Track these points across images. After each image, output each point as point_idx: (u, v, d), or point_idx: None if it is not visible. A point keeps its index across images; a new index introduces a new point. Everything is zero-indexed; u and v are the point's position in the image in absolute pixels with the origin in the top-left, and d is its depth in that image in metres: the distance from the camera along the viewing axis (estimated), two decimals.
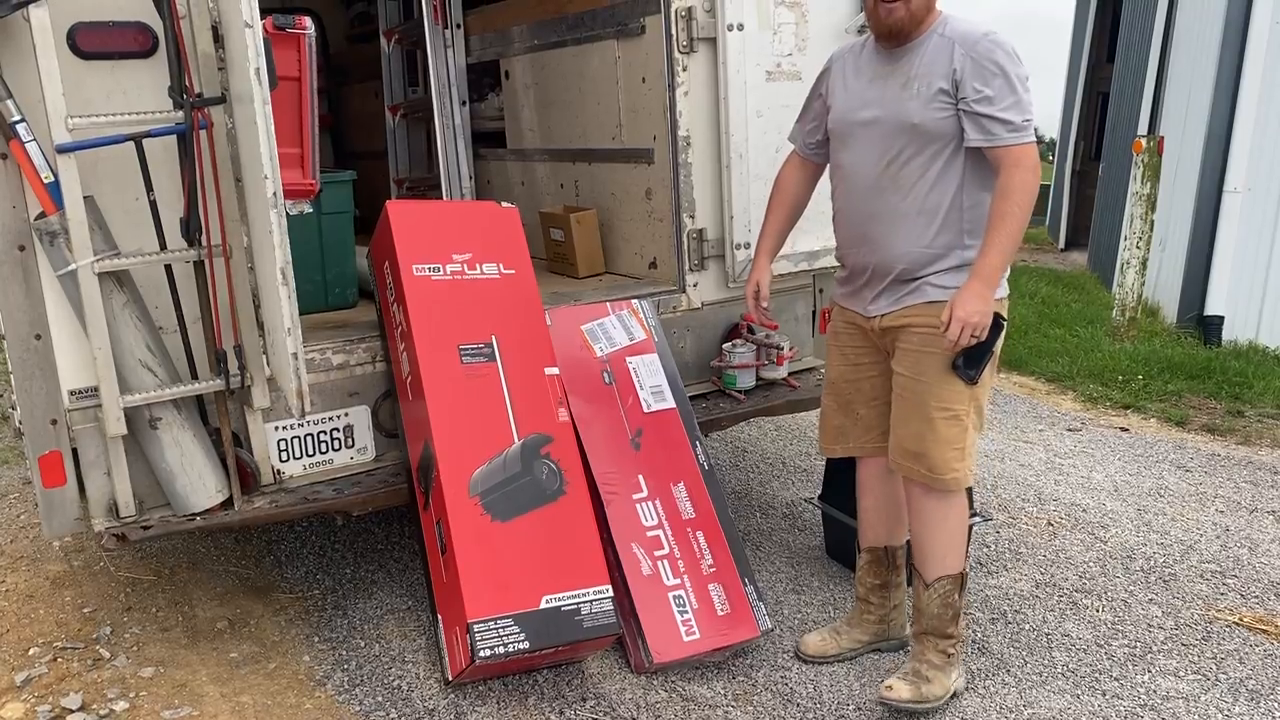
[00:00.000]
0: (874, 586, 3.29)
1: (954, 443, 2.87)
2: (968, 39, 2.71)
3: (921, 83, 2.75)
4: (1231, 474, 5.02)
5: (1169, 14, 9.11)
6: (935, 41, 2.76)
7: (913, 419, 2.90)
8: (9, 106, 2.70)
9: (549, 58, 4.75)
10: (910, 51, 2.80)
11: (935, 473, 2.89)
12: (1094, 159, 13.89)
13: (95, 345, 2.81)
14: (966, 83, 2.68)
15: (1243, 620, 3.57)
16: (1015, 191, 2.65)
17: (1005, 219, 2.66)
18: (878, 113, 2.84)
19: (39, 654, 3.34)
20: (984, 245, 2.70)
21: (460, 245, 3.35)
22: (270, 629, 3.52)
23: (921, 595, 3.04)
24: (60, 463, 2.99)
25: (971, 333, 2.67)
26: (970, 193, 2.79)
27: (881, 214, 2.87)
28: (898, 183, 2.82)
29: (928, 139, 2.76)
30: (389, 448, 3.47)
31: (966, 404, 2.86)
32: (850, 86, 2.95)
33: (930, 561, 3.01)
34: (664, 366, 3.63)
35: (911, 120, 2.76)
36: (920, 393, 2.88)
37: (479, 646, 2.82)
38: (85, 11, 2.80)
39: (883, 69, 2.86)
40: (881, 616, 3.31)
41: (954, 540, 3.00)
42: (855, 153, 2.92)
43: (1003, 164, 2.68)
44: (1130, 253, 7.74)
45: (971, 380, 2.81)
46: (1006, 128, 2.66)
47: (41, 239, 2.82)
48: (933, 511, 2.97)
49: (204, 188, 2.89)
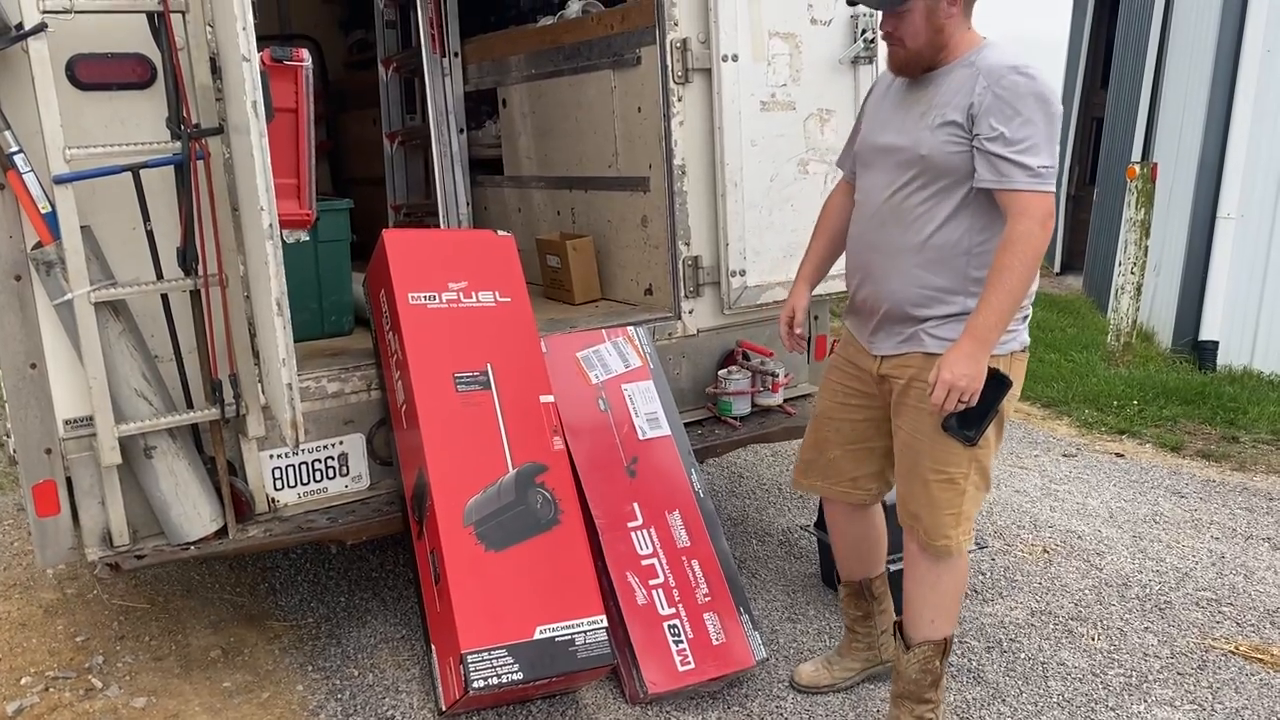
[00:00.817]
0: (857, 618, 3.26)
1: (948, 508, 2.71)
2: (993, 72, 2.48)
3: (937, 113, 2.56)
4: (1227, 500, 5.03)
5: (1161, 40, 9.19)
6: (960, 72, 2.56)
7: (909, 478, 2.77)
8: (7, 138, 2.72)
9: (546, 87, 4.79)
10: (934, 80, 2.62)
11: (929, 537, 2.76)
12: (1089, 183, 13.96)
13: (91, 374, 2.82)
14: (982, 118, 2.46)
15: (1238, 649, 3.56)
16: (1017, 243, 2.43)
17: (1004, 273, 2.44)
18: (894, 140, 2.67)
19: (31, 683, 3.32)
20: (980, 301, 2.48)
21: (456, 274, 3.36)
22: (264, 658, 3.51)
23: (902, 657, 2.90)
24: (54, 492, 3.00)
25: (959, 397, 2.48)
26: (979, 236, 2.58)
27: (881, 246, 2.71)
28: (899, 215, 2.65)
29: (936, 173, 2.57)
30: (383, 476, 3.47)
31: (965, 466, 2.68)
32: (880, 111, 2.79)
33: (917, 623, 2.86)
34: (659, 394, 3.64)
35: (920, 151, 2.58)
36: (916, 452, 2.73)
37: (473, 677, 2.81)
38: (84, 43, 2.82)
39: (909, 96, 2.69)
40: (870, 644, 3.27)
41: (943, 605, 2.84)
42: (868, 178, 2.78)
43: (1010, 211, 2.46)
44: (1125, 278, 7.78)
45: (969, 442, 2.59)
46: (1020, 171, 2.44)
47: (38, 268, 2.84)
48: (925, 572, 2.82)
49: (201, 217, 2.90)
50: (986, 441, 2.65)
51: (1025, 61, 2.48)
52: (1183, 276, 8.00)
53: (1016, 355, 2.69)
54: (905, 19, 2.55)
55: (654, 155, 4.00)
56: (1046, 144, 2.45)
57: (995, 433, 2.69)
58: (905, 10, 2.54)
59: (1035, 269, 2.48)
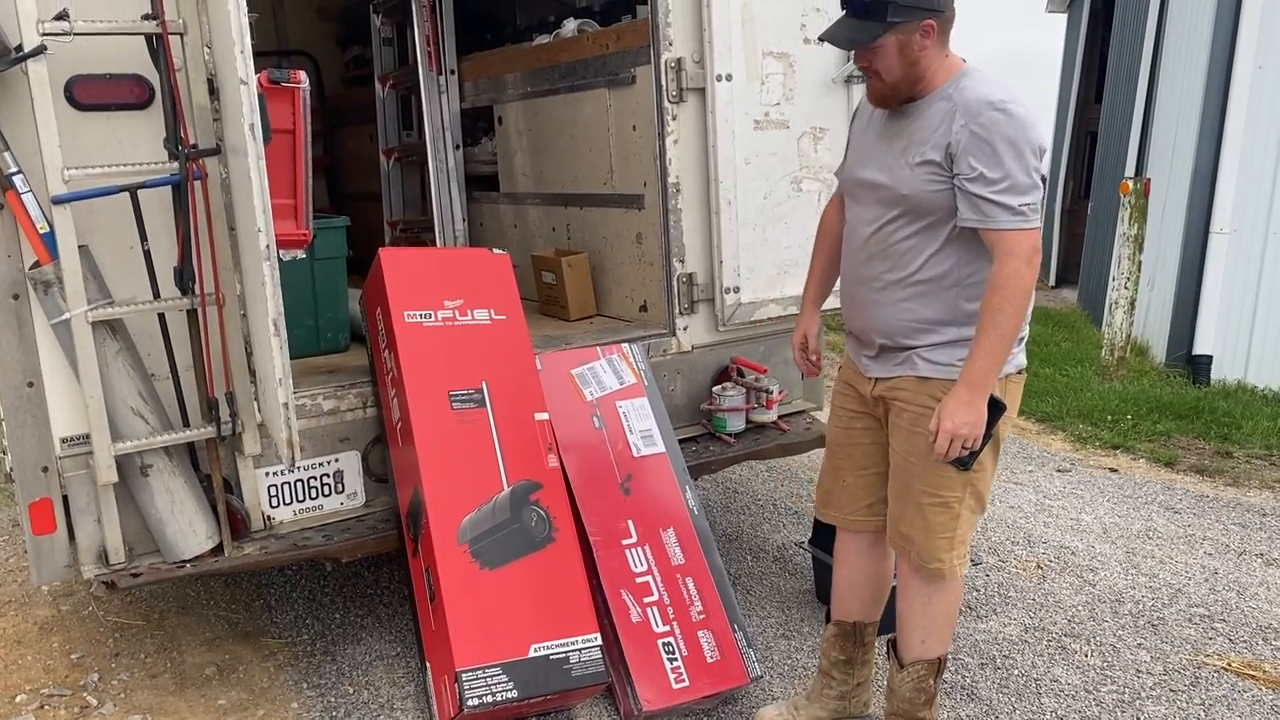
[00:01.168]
0: (838, 661, 3.11)
1: (942, 531, 2.71)
2: (971, 108, 2.44)
3: (916, 151, 2.54)
4: (1220, 516, 5.04)
5: (1154, 56, 9.25)
6: (939, 106, 2.52)
7: (902, 499, 2.76)
8: (6, 158, 2.74)
9: (542, 105, 4.82)
10: (913, 113, 2.59)
11: (922, 560, 2.75)
12: (1083, 197, 14.03)
13: (88, 393, 2.83)
14: (961, 158, 2.43)
15: (1231, 665, 3.58)
16: (1005, 285, 2.42)
17: (995, 315, 2.43)
18: (876, 175, 2.65)
19: (26, 701, 3.32)
20: (973, 346, 2.47)
21: (452, 292, 3.38)
22: (259, 675, 3.51)
23: (896, 675, 2.90)
24: (50, 510, 3.01)
25: (963, 444, 2.48)
26: (968, 268, 2.57)
27: (870, 280, 2.70)
28: (885, 251, 2.64)
29: (919, 211, 2.56)
30: (379, 493, 3.48)
31: (960, 490, 2.67)
32: (862, 142, 2.77)
33: (910, 644, 2.86)
34: (654, 411, 3.65)
35: (901, 190, 2.56)
36: (910, 474, 2.72)
37: (467, 695, 2.82)
38: (83, 64, 2.84)
39: (889, 127, 2.66)
40: (843, 694, 3.13)
41: (936, 626, 2.84)
42: (854, 211, 2.77)
43: (995, 251, 2.44)
44: (1119, 293, 7.81)
45: (964, 467, 2.58)
46: (1002, 211, 2.41)
47: (36, 288, 2.85)
48: (918, 593, 2.81)
49: (198, 237, 2.92)
50: (981, 465, 2.64)
51: (1003, 94, 2.44)
52: (1176, 291, 8.04)
53: (1012, 378, 2.68)
54: (879, 54, 2.52)
55: (649, 173, 4.03)
56: (1027, 179, 2.42)
57: (991, 456, 2.68)
58: (876, 47, 2.51)
59: (1026, 306, 2.48)
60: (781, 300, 4.04)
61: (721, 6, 3.71)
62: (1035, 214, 2.44)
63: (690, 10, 3.73)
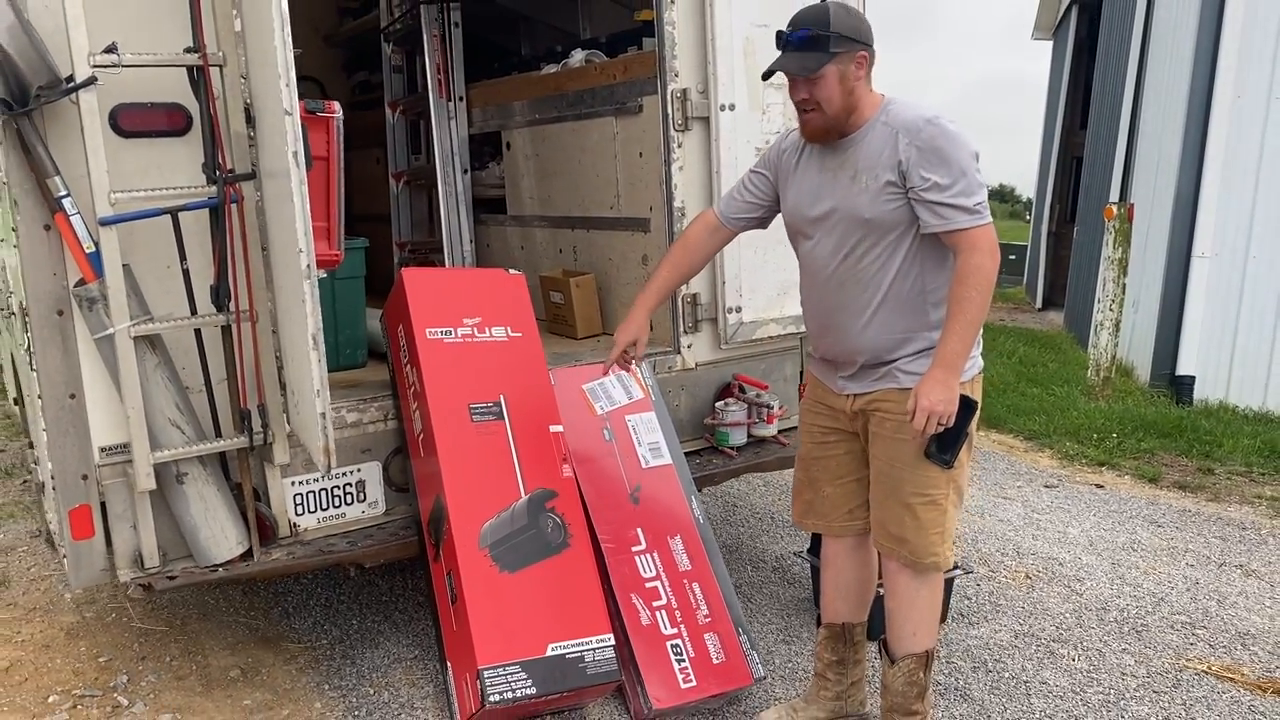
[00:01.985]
0: (831, 662, 3.25)
1: (934, 527, 2.86)
2: (911, 127, 2.66)
3: (869, 175, 2.71)
4: (1201, 529, 5.23)
5: (1138, 84, 9.52)
6: (878, 131, 2.72)
7: (890, 503, 2.90)
8: (56, 182, 2.90)
9: (549, 131, 5.01)
10: (854, 144, 2.77)
11: (916, 557, 2.88)
12: (1069, 221, 14.30)
13: (129, 405, 2.98)
14: (913, 171, 2.64)
15: (1211, 669, 3.75)
16: (972, 275, 2.62)
17: (964, 304, 2.63)
18: (830, 206, 2.80)
19: (59, 701, 3.46)
20: (944, 332, 2.67)
21: (470, 310, 3.55)
22: (281, 677, 3.65)
23: (888, 671, 3.04)
24: (89, 516, 3.14)
25: (938, 420, 2.65)
26: (933, 275, 2.77)
27: (844, 305, 2.85)
28: (856, 275, 2.80)
29: (882, 230, 2.73)
30: (398, 502, 3.63)
31: (945, 487, 2.85)
32: (801, 181, 2.92)
33: (900, 638, 3.00)
34: (661, 424, 3.82)
35: (863, 215, 2.73)
36: (897, 480, 2.87)
37: (489, 692, 2.97)
38: (127, 93, 3.00)
39: (830, 161, 2.82)
40: (839, 693, 3.26)
41: (924, 619, 2.98)
42: (812, 246, 2.90)
43: (959, 248, 2.65)
44: (1104, 315, 8.03)
45: (947, 465, 2.78)
46: (960, 212, 2.62)
47: (81, 304, 3.01)
48: (905, 588, 2.95)
49: (233, 257, 3.09)
50: (960, 462, 2.82)
51: (933, 112, 2.68)
52: (1160, 313, 8.26)
53: (975, 379, 2.88)
54: (819, 84, 2.69)
55: (655, 197, 4.21)
56: (975, 181, 2.64)
57: (967, 452, 2.87)
58: (819, 76, 2.68)
59: (990, 295, 2.67)
60: (781, 320, 4.22)
61: (725, 40, 3.91)
62: (987, 210, 2.66)
63: (695, 43, 3.93)
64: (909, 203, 2.68)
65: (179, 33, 2.99)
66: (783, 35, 2.75)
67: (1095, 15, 13.35)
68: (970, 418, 2.76)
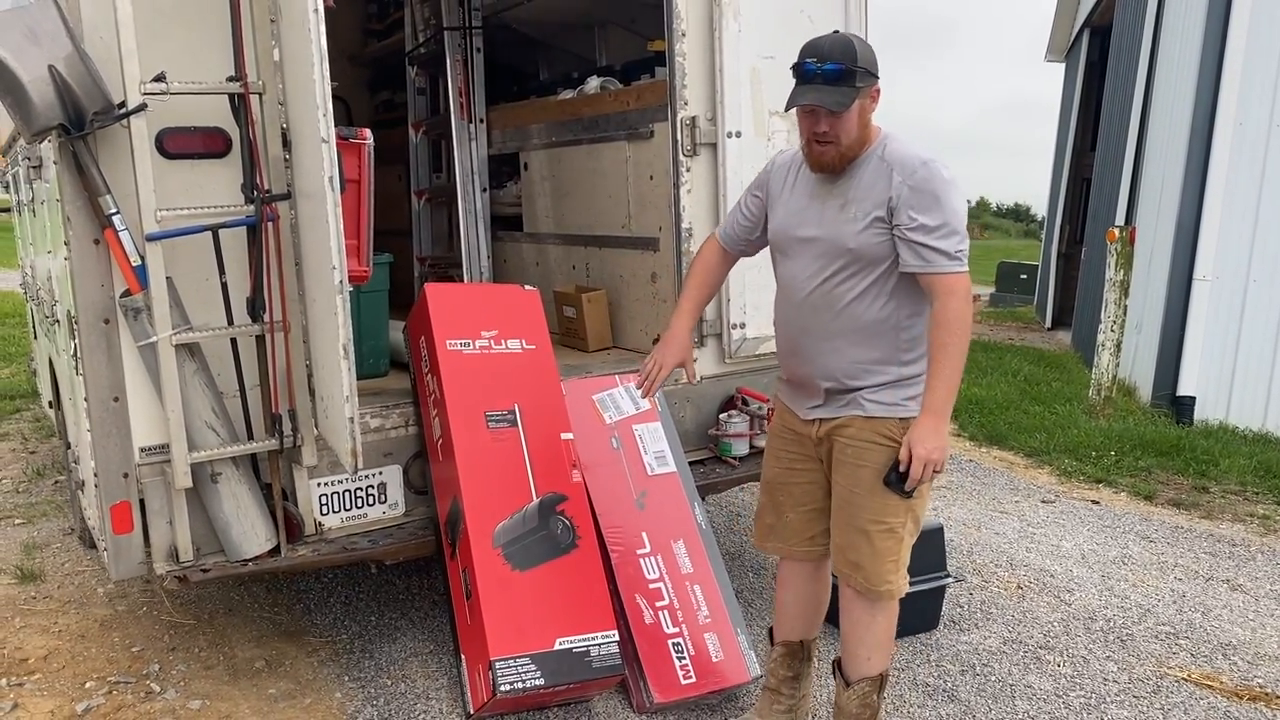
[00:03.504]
0: (786, 679, 3.32)
1: (889, 555, 2.90)
2: (906, 166, 2.71)
3: (858, 207, 2.77)
4: (1193, 545, 5.39)
5: (1144, 108, 9.70)
6: (874, 165, 2.77)
7: (848, 529, 2.94)
8: (107, 200, 3.13)
9: (565, 153, 5.23)
10: (849, 174, 2.81)
11: (871, 584, 2.93)
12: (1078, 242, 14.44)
13: (169, 408, 3.21)
14: (902, 210, 2.69)
15: (1191, 677, 3.91)
16: (952, 322, 2.67)
17: (946, 351, 2.67)
18: (816, 232, 2.85)
19: (95, 687, 3.67)
20: (929, 382, 2.72)
21: (488, 323, 3.77)
22: (304, 669, 3.85)
23: (842, 694, 3.09)
24: (129, 512, 3.36)
25: (933, 468, 2.71)
26: (905, 311, 2.82)
27: (814, 330, 2.90)
28: (830, 301, 2.85)
29: (864, 262, 2.79)
30: (417, 504, 3.84)
31: (903, 516, 2.89)
32: (790, 201, 2.97)
33: (854, 662, 3.05)
34: (666, 434, 4.02)
35: (848, 245, 2.78)
36: (856, 506, 2.91)
37: (500, 682, 3.17)
38: (172, 118, 3.23)
39: (821, 189, 2.87)
40: (790, 707, 3.34)
41: (879, 643, 3.03)
42: (791, 267, 2.95)
43: (937, 292, 2.69)
44: (1106, 335, 8.19)
45: (907, 495, 2.83)
46: (941, 256, 2.67)
47: (126, 314, 3.23)
48: (861, 614, 3.00)
49: (268, 271, 3.31)
50: (920, 492, 2.87)
51: (928, 154, 2.73)
52: (1161, 334, 8.42)
53: None
54: (843, 119, 2.71)
55: (664, 219, 4.42)
56: (960, 227, 2.71)
57: (927, 484, 2.89)
58: (844, 112, 2.70)
59: (968, 339, 2.72)
60: None
61: (733, 71, 4.12)
62: (966, 256, 2.73)
63: (704, 73, 4.14)
64: (892, 239, 2.74)
65: (222, 62, 3.22)
66: (807, 66, 2.71)
67: (1106, 38, 13.53)
68: None
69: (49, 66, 2.95)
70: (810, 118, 2.77)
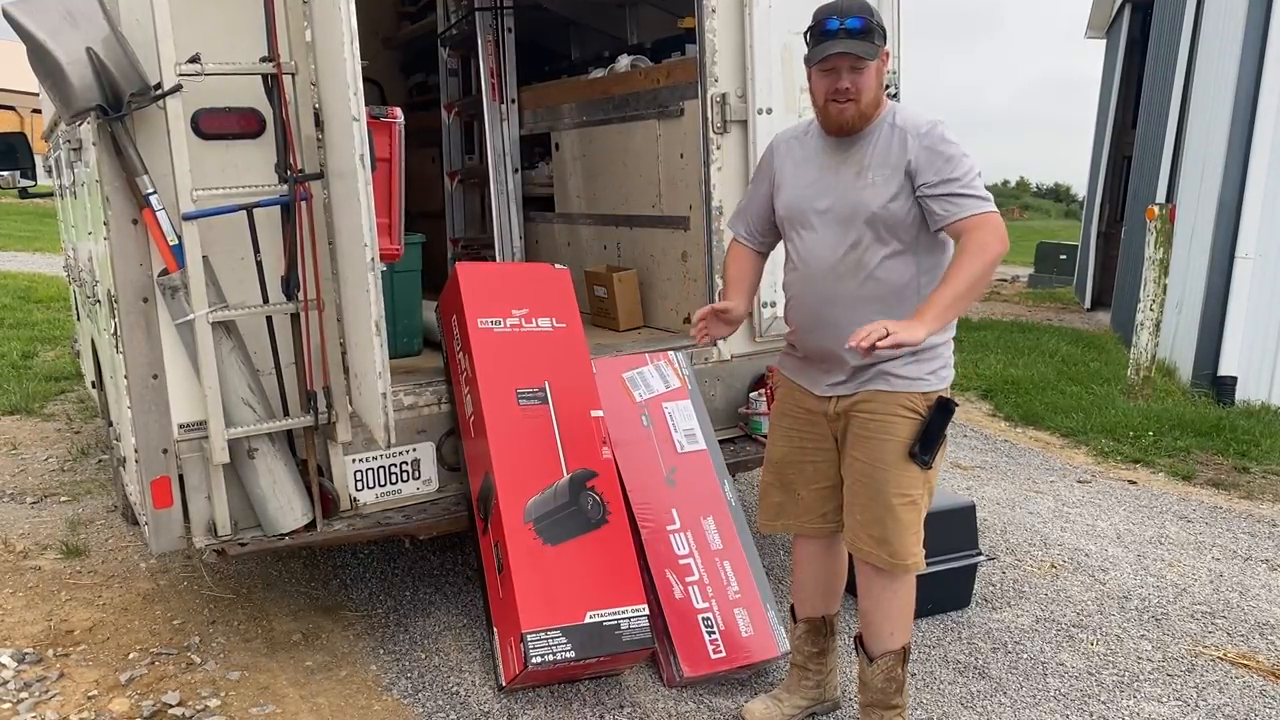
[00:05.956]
0: (811, 654, 3.35)
1: (912, 527, 2.92)
2: (920, 128, 2.78)
3: (877, 172, 2.81)
4: (1231, 525, 5.33)
5: (1186, 85, 9.52)
6: (886, 131, 2.83)
7: (873, 506, 2.93)
8: (145, 180, 3.18)
9: (596, 133, 5.24)
10: (862, 141, 2.85)
11: (897, 559, 2.93)
12: (1118, 221, 14.24)
13: (206, 385, 3.27)
14: (924, 170, 2.74)
15: (1226, 656, 3.88)
16: (978, 251, 2.66)
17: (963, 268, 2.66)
18: (832, 201, 2.87)
19: (138, 658, 3.76)
20: (942, 284, 2.70)
21: (519, 302, 3.79)
22: (340, 642, 3.92)
23: (866, 669, 3.10)
24: (169, 487, 3.43)
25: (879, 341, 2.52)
26: (927, 277, 2.85)
27: (840, 299, 2.89)
28: (856, 269, 2.86)
29: (886, 226, 2.81)
30: (450, 480, 3.88)
31: (921, 488, 2.92)
32: (801, 174, 2.97)
33: (877, 638, 3.06)
34: (696, 412, 4.03)
35: (870, 209, 2.80)
36: (879, 480, 2.90)
37: (531, 654, 3.21)
38: (207, 99, 3.28)
39: (833, 158, 2.90)
40: (819, 682, 3.37)
41: (901, 617, 3.04)
42: (811, 239, 2.94)
43: (966, 228, 2.70)
44: (1145, 315, 8.08)
45: (926, 465, 2.88)
46: (973, 200, 2.72)
47: (164, 292, 3.29)
48: (883, 590, 3.01)
49: (302, 250, 3.36)
50: (934, 463, 2.92)
51: (935, 116, 2.82)
52: (1202, 313, 8.30)
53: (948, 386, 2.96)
54: (864, 74, 2.77)
55: (694, 197, 4.43)
56: (979, 180, 2.77)
57: (942, 453, 2.97)
58: (868, 66, 2.77)
59: (990, 276, 2.71)
60: None
61: (763, 47, 4.11)
62: (993, 202, 2.74)
63: (735, 50, 4.13)
64: (915, 201, 2.79)
65: (255, 44, 3.26)
66: (830, 23, 2.75)
67: (1148, 14, 13.29)
68: (948, 419, 2.89)
69: (87, 49, 3.00)
70: (830, 76, 2.80)
